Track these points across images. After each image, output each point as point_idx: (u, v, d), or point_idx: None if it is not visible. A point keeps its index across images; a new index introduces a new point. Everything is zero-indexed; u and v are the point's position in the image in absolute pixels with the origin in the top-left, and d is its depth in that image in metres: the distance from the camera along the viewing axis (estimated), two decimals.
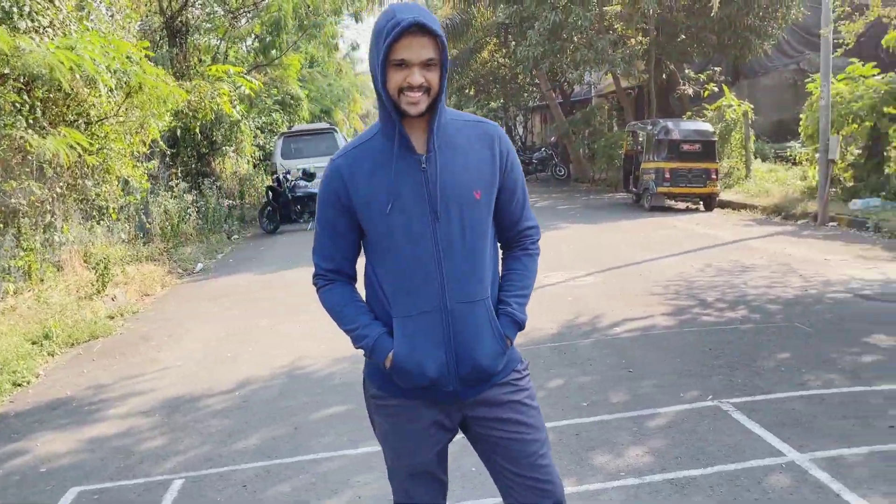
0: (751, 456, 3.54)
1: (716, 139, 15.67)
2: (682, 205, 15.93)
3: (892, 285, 7.07)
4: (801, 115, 15.43)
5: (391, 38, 1.81)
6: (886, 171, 13.98)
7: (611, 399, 4.45)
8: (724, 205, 15.51)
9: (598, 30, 18.21)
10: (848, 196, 13.70)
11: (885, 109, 13.83)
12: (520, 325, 2.10)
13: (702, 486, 3.29)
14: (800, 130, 15.55)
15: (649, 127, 15.85)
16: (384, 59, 1.85)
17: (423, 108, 1.89)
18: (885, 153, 14.11)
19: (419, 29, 1.82)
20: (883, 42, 15.66)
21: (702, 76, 20.76)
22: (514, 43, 24.08)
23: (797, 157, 18.00)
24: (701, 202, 15.50)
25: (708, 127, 15.80)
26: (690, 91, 20.84)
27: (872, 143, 14.23)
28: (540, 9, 17.28)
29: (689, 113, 20.53)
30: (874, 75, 14.34)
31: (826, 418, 3.94)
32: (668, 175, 14.87)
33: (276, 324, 7.12)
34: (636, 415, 4.17)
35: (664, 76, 21.44)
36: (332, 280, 2.10)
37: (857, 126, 14.04)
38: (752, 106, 18.76)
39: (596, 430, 4.00)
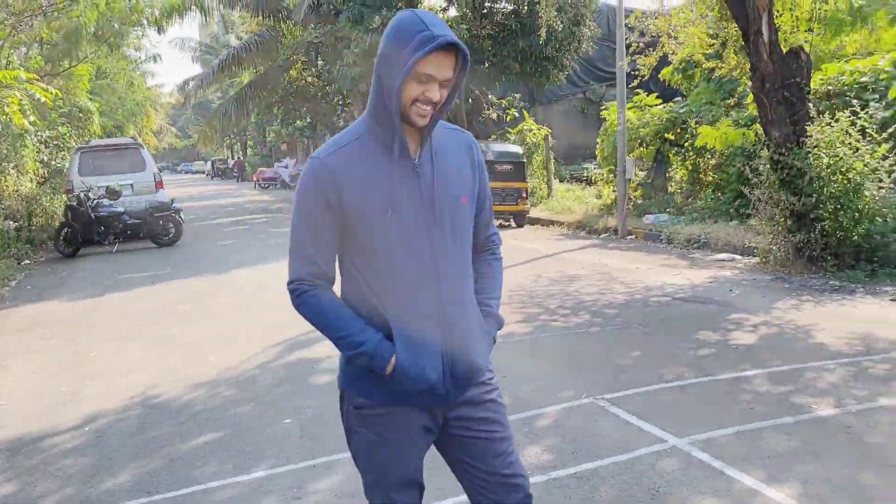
0: (638, 445, 3.84)
1: (525, 160, 16.72)
2: (495, 222, 16.75)
3: (699, 289, 7.99)
4: (597, 140, 16.94)
5: (425, 51, 1.78)
6: (670, 189, 15.77)
7: None
8: (533, 221, 16.57)
9: None
10: (640, 212, 15.22)
11: (667, 135, 15.61)
12: (500, 326, 2.15)
13: (605, 477, 3.52)
14: (596, 153, 17.06)
15: None
16: (406, 73, 1.81)
17: (428, 120, 1.91)
18: (667, 174, 15.90)
19: (452, 47, 1.82)
20: (661, 76, 17.68)
21: (503, 102, 22.09)
22: (321, 62, 24.04)
23: (593, 178, 19.68)
24: (512, 219, 16.43)
25: (518, 149, 16.82)
26: (495, 115, 22.06)
27: (657, 165, 15.97)
28: (355, 29, 17.40)
29: (493, 136, 21.74)
30: (657, 105, 16.15)
31: (690, 406, 4.38)
32: None
33: (110, 353, 6.49)
34: (523, 416, 4.35)
35: (470, 100, 22.52)
36: (315, 285, 1.98)
37: (644, 150, 15.69)
38: (549, 130, 20.28)
39: None
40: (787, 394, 4.50)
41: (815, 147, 8.60)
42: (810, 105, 9.04)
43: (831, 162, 8.50)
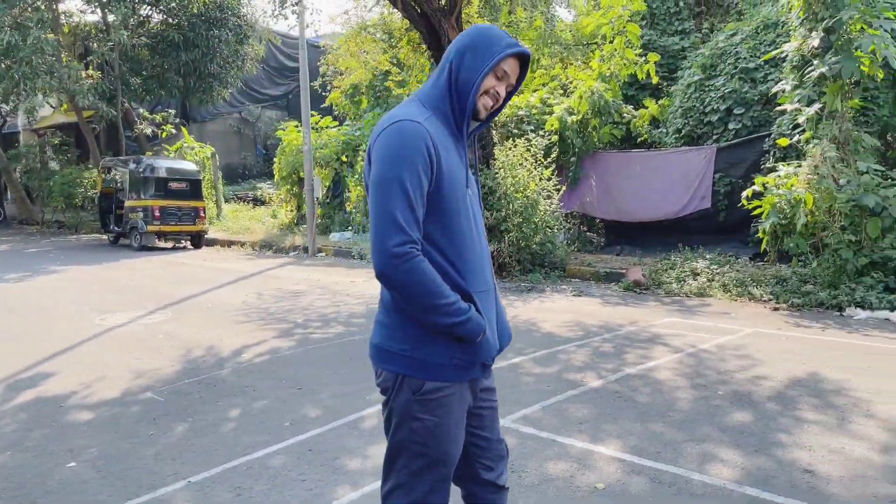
0: None
1: (201, 178, 15.98)
2: (170, 243, 15.70)
3: None
4: (275, 159, 16.95)
5: (509, 52, 1.97)
6: (348, 208, 16.48)
7: (309, 414, 4.50)
8: (210, 242, 15.90)
9: (58, 58, 16.61)
10: (321, 230, 15.63)
11: (343, 158, 16.30)
12: None
13: None
14: (275, 172, 17.05)
15: (132, 164, 15.21)
16: (493, 66, 1.96)
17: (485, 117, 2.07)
18: (345, 194, 16.60)
19: (524, 59, 2.05)
20: (328, 100, 18.40)
21: (157, 117, 20.77)
22: None
23: (267, 198, 19.55)
24: (189, 240, 15.57)
25: (193, 166, 16.01)
26: (149, 130, 20.62)
27: (334, 185, 16.58)
28: None
29: (149, 152, 20.32)
30: (332, 127, 16.78)
31: None
32: (157, 213, 14.56)
33: None
34: (347, 421, 4.34)
35: (121, 113, 20.73)
36: (420, 250, 1.87)
37: (322, 170, 16.17)
38: (213, 148, 19.65)
39: (324, 442, 4.04)
40: (558, 373, 5.22)
41: (501, 168, 9.91)
42: (494, 131, 10.38)
43: (514, 181, 9.88)
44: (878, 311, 7.23)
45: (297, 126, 16.80)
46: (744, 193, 8.68)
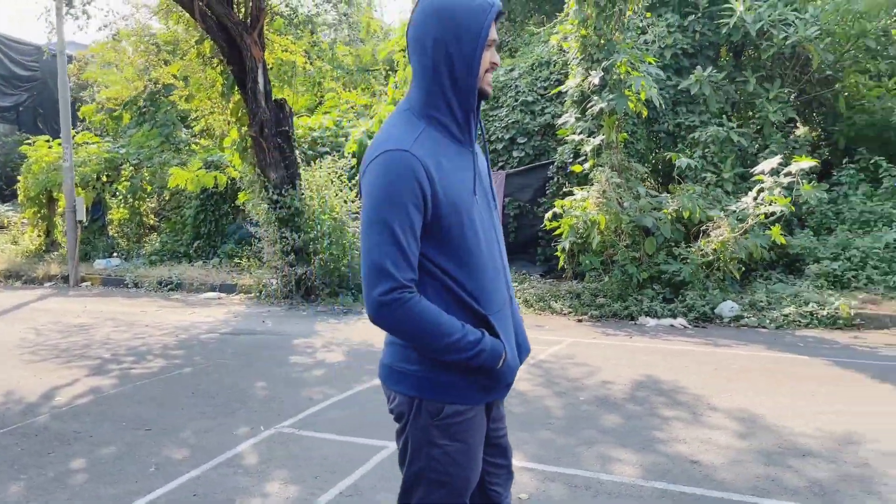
0: (366, 456, 3.90)
1: None
2: None
3: (231, 323, 8.06)
4: (20, 177, 14.85)
5: (491, 16, 1.74)
6: (111, 232, 14.92)
7: (174, 456, 3.96)
8: None
9: None
10: (81, 257, 13.96)
11: (104, 177, 14.81)
12: None
13: (372, 487, 3.52)
14: (20, 193, 14.92)
15: None
16: (485, 43, 1.75)
17: None
18: (106, 217, 15.02)
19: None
20: (80, 114, 16.69)
21: None
22: None
23: (6, 221, 17.03)
24: None
25: None
26: None
27: (93, 207, 14.93)
28: None
29: None
30: (92, 143, 15.13)
31: (367, 416, 4.61)
32: None
33: None
34: (224, 459, 3.90)
35: None
36: (414, 291, 1.71)
37: (82, 190, 14.50)
38: None
39: (208, 485, 3.59)
40: None
41: (307, 189, 9.65)
42: (297, 151, 10.08)
43: (321, 203, 9.67)
44: (663, 319, 8.17)
45: (47, 141, 14.92)
46: (546, 215, 9.34)
